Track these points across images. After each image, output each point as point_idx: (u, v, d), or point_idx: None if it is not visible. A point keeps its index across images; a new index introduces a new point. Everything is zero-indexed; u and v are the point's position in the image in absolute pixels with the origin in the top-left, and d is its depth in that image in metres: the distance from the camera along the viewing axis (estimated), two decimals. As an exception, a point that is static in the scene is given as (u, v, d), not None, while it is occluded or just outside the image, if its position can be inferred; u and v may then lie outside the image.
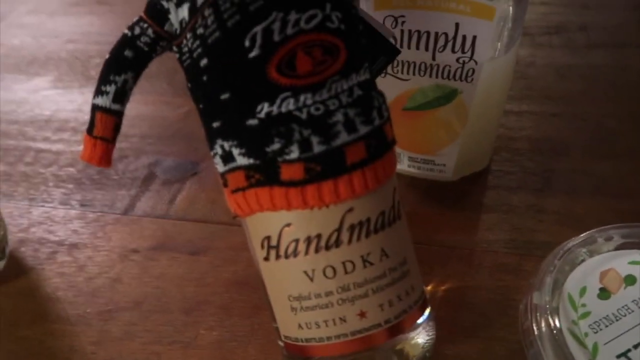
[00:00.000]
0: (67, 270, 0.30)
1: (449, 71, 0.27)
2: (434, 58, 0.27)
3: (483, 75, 0.27)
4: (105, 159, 0.20)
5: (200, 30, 0.18)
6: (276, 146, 0.18)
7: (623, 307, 0.20)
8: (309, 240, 0.18)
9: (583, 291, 0.20)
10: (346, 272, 0.19)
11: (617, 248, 0.22)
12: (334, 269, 0.19)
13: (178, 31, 0.19)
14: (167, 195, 0.34)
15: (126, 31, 0.19)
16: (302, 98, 0.17)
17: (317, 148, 0.18)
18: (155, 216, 0.33)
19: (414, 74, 0.28)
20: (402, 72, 0.28)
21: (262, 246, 0.20)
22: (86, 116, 0.41)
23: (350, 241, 0.18)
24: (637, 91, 0.38)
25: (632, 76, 0.39)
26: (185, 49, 0.18)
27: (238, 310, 0.27)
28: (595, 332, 0.19)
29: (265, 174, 0.18)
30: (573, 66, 0.41)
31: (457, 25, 0.25)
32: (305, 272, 0.19)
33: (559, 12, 0.47)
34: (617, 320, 0.19)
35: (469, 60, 0.26)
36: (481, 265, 0.28)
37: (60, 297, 0.28)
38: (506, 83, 0.29)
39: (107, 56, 0.19)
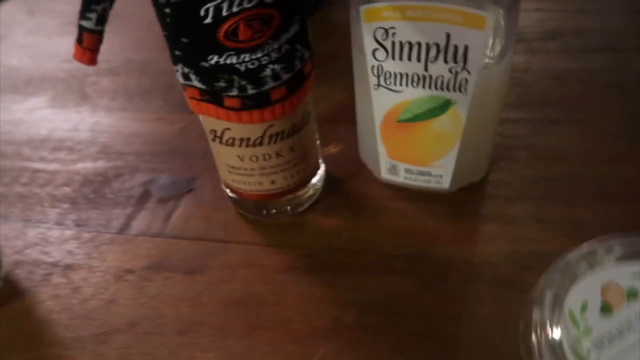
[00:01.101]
0: (62, 292, 0.29)
1: (442, 82, 0.27)
2: (426, 69, 0.26)
3: (477, 85, 0.26)
4: (92, 61, 0.25)
5: None
6: (221, 85, 0.25)
7: (626, 321, 0.19)
8: (241, 139, 0.27)
9: (584, 306, 0.20)
10: (264, 160, 0.28)
11: (619, 259, 0.21)
12: (257, 157, 0.28)
13: None
14: (162, 213, 0.34)
15: None
16: (242, 56, 0.23)
17: (250, 91, 0.25)
18: (151, 235, 0.32)
19: (406, 85, 0.27)
20: (394, 84, 0.28)
21: (210, 133, 0.28)
22: (82, 135, 0.41)
23: (269, 143, 0.27)
24: (635, 94, 0.37)
25: (629, 79, 0.39)
26: None
27: (234, 331, 0.27)
28: (598, 349, 0.19)
29: (213, 98, 0.25)
30: (570, 71, 0.40)
31: (448, 35, 0.25)
32: (238, 156, 0.28)
33: (554, 17, 0.46)
34: (620, 336, 0.19)
35: (462, 70, 0.26)
36: (481, 278, 0.27)
37: (55, 320, 0.28)
38: (501, 92, 0.29)
39: None
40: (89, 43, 0.24)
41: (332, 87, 0.37)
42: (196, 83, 0.25)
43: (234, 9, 0.22)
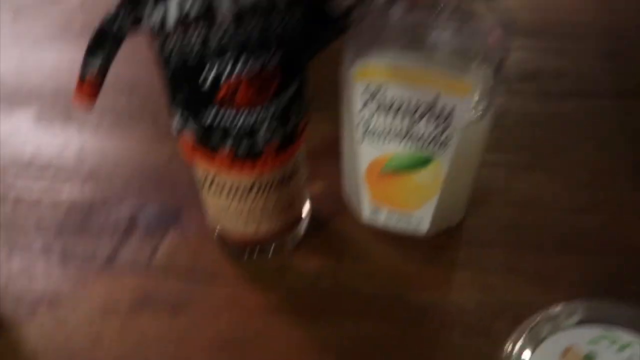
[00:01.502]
0: (47, 328, 0.30)
1: (426, 139, 0.28)
2: (411, 127, 0.28)
3: (459, 141, 0.28)
4: (90, 105, 0.25)
5: (168, 47, 0.23)
6: (216, 138, 0.26)
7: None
8: (230, 187, 0.28)
9: (545, 372, 0.21)
10: (251, 207, 0.29)
11: (579, 322, 0.23)
12: (245, 204, 0.29)
13: (156, 22, 0.23)
14: (149, 246, 0.34)
15: (106, 17, 0.23)
16: (238, 116, 0.25)
17: (243, 147, 0.26)
18: (137, 268, 0.33)
19: (391, 140, 0.29)
20: (380, 138, 0.29)
21: (199, 181, 0.29)
22: (68, 156, 0.41)
23: (257, 192, 0.28)
24: (606, 142, 0.39)
25: (601, 127, 0.41)
26: (157, 48, 0.24)
27: (218, 371, 0.28)
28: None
29: (206, 149, 0.26)
30: (545, 115, 0.42)
31: (434, 98, 0.26)
32: (226, 202, 0.29)
33: (533, 58, 0.48)
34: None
35: (445, 130, 0.27)
36: (454, 326, 0.29)
37: (40, 358, 0.29)
38: (482, 145, 0.31)
39: (93, 33, 0.23)
40: (88, 90, 0.24)
41: (320, 119, 0.38)
42: (192, 133, 0.26)
43: (234, 72, 0.23)
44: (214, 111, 0.24)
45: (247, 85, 0.23)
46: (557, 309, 0.23)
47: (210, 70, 0.23)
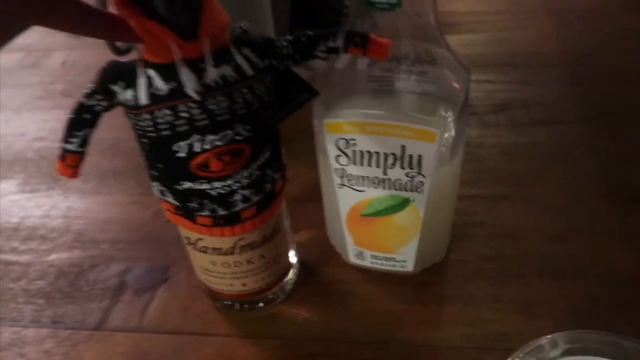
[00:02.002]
0: (40, 399, 0.30)
1: (400, 184, 0.29)
2: (385, 173, 0.29)
3: (432, 184, 0.29)
4: (75, 175, 0.26)
5: (140, 124, 0.24)
6: (194, 205, 0.26)
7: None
8: (213, 248, 0.29)
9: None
10: (235, 266, 0.30)
11: (564, 353, 0.24)
12: (228, 264, 0.30)
13: (128, 103, 0.23)
14: (139, 306, 0.34)
15: (83, 100, 0.24)
16: (213, 183, 0.25)
17: (221, 212, 0.27)
18: (128, 330, 0.33)
19: (368, 186, 0.30)
20: (357, 185, 0.30)
21: (185, 239, 0.30)
22: (55, 222, 0.42)
23: (240, 253, 0.29)
24: (577, 167, 0.41)
25: (571, 152, 0.42)
26: (132, 122, 0.24)
27: None
28: None
29: (185, 214, 0.27)
30: (518, 145, 0.44)
31: (403, 147, 0.27)
32: (210, 261, 0.30)
33: (502, 89, 0.50)
34: None
35: (417, 175, 0.28)
36: (445, 363, 0.29)
37: None
38: (454, 185, 0.32)
39: (69, 116, 0.24)
40: (71, 161, 0.25)
41: (299, 166, 0.39)
42: (171, 200, 0.27)
43: (206, 146, 0.24)
44: (188, 182, 0.25)
45: (216, 159, 0.24)
46: (541, 341, 0.24)
47: (179, 147, 0.24)
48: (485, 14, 0.63)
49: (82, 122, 0.24)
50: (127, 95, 0.23)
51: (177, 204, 0.26)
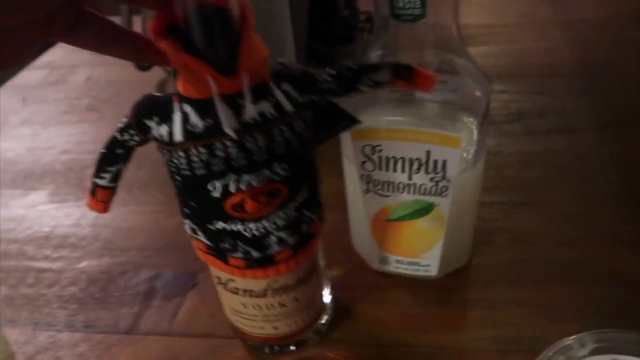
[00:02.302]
0: (76, 400, 0.31)
1: (425, 189, 0.30)
2: (410, 178, 0.30)
3: (456, 189, 0.30)
4: (105, 211, 0.25)
5: (174, 162, 0.23)
6: (226, 246, 0.25)
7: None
8: (244, 290, 0.27)
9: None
10: (267, 309, 0.28)
11: (592, 353, 0.24)
12: (259, 306, 0.28)
13: (162, 138, 0.23)
14: (169, 311, 0.35)
15: (117, 134, 0.24)
16: (248, 224, 0.24)
17: (255, 254, 0.25)
18: (159, 333, 0.34)
19: (393, 191, 0.31)
20: (382, 190, 0.31)
21: (215, 278, 0.29)
22: (84, 230, 0.43)
23: (272, 296, 0.27)
24: (590, 175, 0.42)
25: (585, 160, 0.43)
26: (165, 158, 0.24)
27: None
28: None
29: (217, 254, 0.26)
30: (534, 153, 0.45)
31: (428, 152, 0.28)
32: (241, 303, 0.28)
33: (516, 99, 0.51)
34: None
35: (442, 179, 0.29)
36: (471, 365, 0.30)
37: None
38: (477, 189, 0.33)
39: (102, 151, 0.24)
40: (102, 196, 0.24)
41: (322, 174, 0.40)
42: (202, 239, 0.25)
43: (241, 186, 0.22)
44: (221, 222, 0.24)
45: (252, 200, 0.23)
46: (569, 341, 0.25)
47: (213, 186, 0.22)
48: (497, 26, 0.65)
49: (114, 157, 0.24)
50: (161, 130, 0.22)
51: (209, 243, 0.25)
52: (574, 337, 0.24)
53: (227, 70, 0.21)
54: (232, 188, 0.22)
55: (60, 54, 0.76)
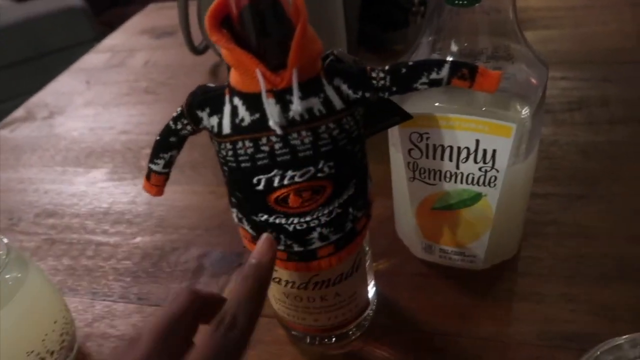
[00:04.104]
0: (129, 366, 0.32)
1: (473, 178, 0.29)
2: (457, 167, 0.29)
3: (505, 180, 0.29)
4: (159, 194, 0.26)
5: (222, 152, 0.23)
6: None
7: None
8: (286, 281, 0.27)
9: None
10: (308, 301, 0.28)
11: (645, 354, 0.23)
12: (301, 298, 0.28)
13: (212, 129, 0.23)
14: (215, 288, 0.37)
15: (170, 123, 0.24)
16: (291, 219, 0.24)
17: (296, 248, 0.25)
18: (206, 309, 0.35)
19: (439, 180, 0.30)
20: (429, 178, 0.30)
21: None
22: (139, 208, 0.45)
23: (313, 289, 0.27)
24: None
25: (656, 152, 0.40)
26: (215, 148, 0.24)
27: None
28: None
29: None
30: (596, 144, 0.42)
31: (477, 141, 0.27)
32: (284, 293, 0.29)
33: (579, 86, 0.49)
34: None
35: (491, 169, 0.28)
36: (516, 358, 0.29)
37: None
38: (528, 182, 0.31)
39: (157, 138, 0.25)
40: (156, 181, 0.25)
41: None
42: (247, 228, 0.26)
43: (285, 182, 0.22)
44: (265, 214, 0.24)
45: (295, 195, 0.23)
46: (620, 340, 0.23)
47: (258, 180, 0.22)
48: (561, 9, 0.61)
49: (168, 144, 0.24)
50: (212, 122, 0.23)
51: (254, 233, 0.25)
52: (626, 337, 0.23)
53: (277, 66, 0.21)
54: (276, 183, 0.22)
55: (120, 38, 0.79)
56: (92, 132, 0.57)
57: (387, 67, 0.23)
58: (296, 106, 0.21)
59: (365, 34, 0.61)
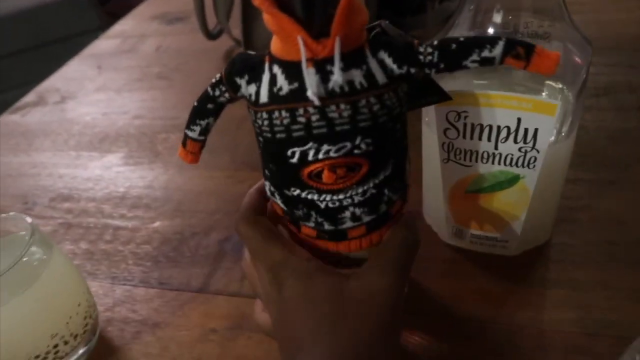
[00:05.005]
0: (152, 351, 0.32)
1: (512, 159, 0.28)
2: (496, 147, 0.28)
3: (545, 161, 0.28)
4: (195, 161, 0.26)
5: (258, 122, 0.23)
6: (300, 214, 0.24)
7: None
8: (317, 254, 0.25)
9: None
10: None
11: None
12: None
13: (250, 98, 0.23)
14: (238, 273, 0.36)
15: (209, 89, 0.24)
16: (323, 195, 0.23)
17: (327, 227, 0.24)
18: (229, 294, 0.35)
19: (476, 161, 0.29)
20: (464, 159, 0.29)
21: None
22: (157, 192, 0.44)
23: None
24: (695, 154, 0.38)
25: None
26: (252, 118, 0.23)
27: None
28: None
29: (291, 220, 0.25)
30: (625, 129, 0.41)
31: (519, 120, 0.26)
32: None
33: (605, 72, 0.48)
34: None
35: (531, 150, 0.27)
36: (552, 345, 0.28)
37: (149, 379, 0.30)
38: (567, 163, 0.30)
39: (194, 104, 0.24)
40: (192, 148, 0.25)
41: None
42: (279, 202, 0.25)
43: (320, 156, 0.21)
44: (297, 189, 0.23)
45: (329, 171, 0.22)
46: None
47: (292, 152, 0.22)
48: (582, -5, 0.60)
49: (205, 111, 0.24)
50: (250, 90, 0.22)
51: (285, 208, 0.25)
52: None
53: (319, 33, 0.20)
54: (310, 156, 0.22)
55: (130, 24, 0.78)
56: (105, 117, 0.56)
57: (435, 42, 0.21)
58: (337, 77, 0.20)
59: (382, 19, 0.60)
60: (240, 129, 0.49)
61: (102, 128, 0.54)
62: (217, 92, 0.23)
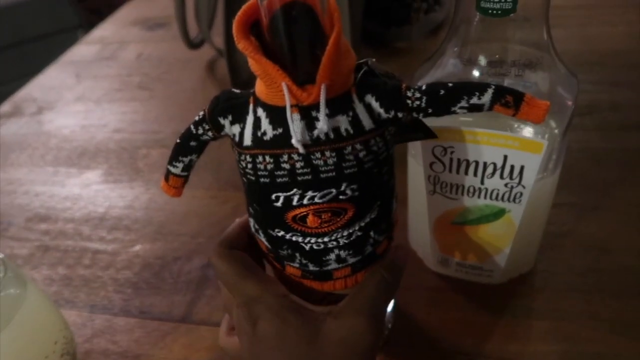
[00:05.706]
0: (133, 386, 0.31)
1: (497, 194, 0.28)
2: (482, 182, 0.28)
3: (531, 195, 0.28)
4: (177, 195, 0.25)
5: (242, 164, 0.22)
6: (284, 254, 0.24)
7: None
8: (302, 293, 0.25)
9: None
10: None
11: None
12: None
13: (234, 138, 0.22)
14: (220, 301, 0.35)
15: (192, 127, 0.23)
16: (308, 238, 0.23)
17: (312, 267, 0.24)
18: (212, 324, 0.34)
19: (462, 194, 0.29)
20: (450, 192, 0.29)
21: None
22: (137, 213, 0.43)
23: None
24: (676, 177, 0.38)
25: (669, 161, 0.40)
26: (236, 157, 0.23)
27: None
28: None
29: (275, 258, 0.25)
30: (609, 150, 0.42)
31: (505, 157, 0.26)
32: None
33: (589, 89, 0.48)
34: None
35: (517, 185, 0.27)
36: (537, 380, 0.28)
37: (130, 418, 0.29)
38: (552, 195, 0.30)
39: (177, 140, 0.24)
40: (174, 183, 0.25)
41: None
42: (264, 240, 0.24)
43: (305, 202, 0.21)
44: (282, 230, 0.23)
45: (314, 216, 0.21)
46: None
47: (277, 196, 0.21)
48: (567, 8, 0.60)
49: (188, 148, 0.23)
50: (234, 130, 0.22)
51: (269, 246, 0.24)
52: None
53: (306, 80, 0.19)
54: (294, 202, 0.21)
55: (111, 29, 0.76)
56: (84, 130, 0.55)
57: (423, 87, 0.21)
58: (322, 125, 0.20)
59: (367, 30, 0.59)
60: (222, 147, 0.48)
61: (81, 142, 0.53)
62: (200, 130, 0.23)
